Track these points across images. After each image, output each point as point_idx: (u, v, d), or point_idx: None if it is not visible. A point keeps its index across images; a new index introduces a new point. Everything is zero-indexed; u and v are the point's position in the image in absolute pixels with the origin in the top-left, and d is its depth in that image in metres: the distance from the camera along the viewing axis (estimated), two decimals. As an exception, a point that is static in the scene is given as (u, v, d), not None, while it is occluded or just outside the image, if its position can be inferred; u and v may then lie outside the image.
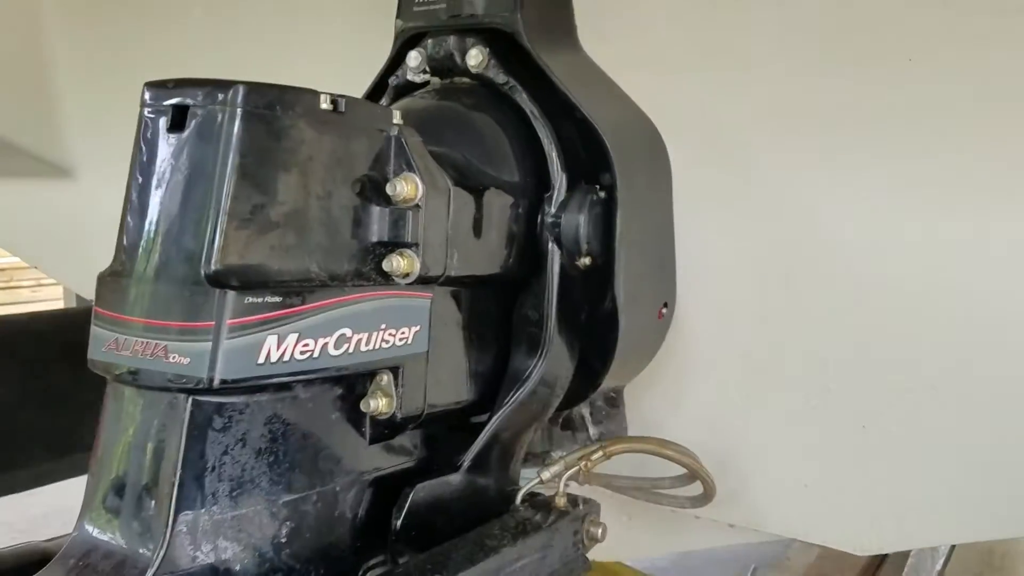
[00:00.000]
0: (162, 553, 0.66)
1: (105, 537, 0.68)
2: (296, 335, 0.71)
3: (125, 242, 0.71)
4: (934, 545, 2.13)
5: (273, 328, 0.69)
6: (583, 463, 1.03)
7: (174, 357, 0.67)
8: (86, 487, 0.70)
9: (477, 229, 0.92)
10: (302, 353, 0.72)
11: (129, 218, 0.71)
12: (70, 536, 0.68)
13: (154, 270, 0.69)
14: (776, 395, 1.14)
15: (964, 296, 0.99)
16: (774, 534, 1.18)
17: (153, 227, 0.69)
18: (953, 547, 3.26)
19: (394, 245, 0.81)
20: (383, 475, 0.89)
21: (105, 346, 0.70)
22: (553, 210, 0.99)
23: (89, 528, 0.69)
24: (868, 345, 1.06)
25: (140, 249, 0.70)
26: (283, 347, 0.70)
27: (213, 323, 0.66)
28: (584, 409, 1.20)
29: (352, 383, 0.83)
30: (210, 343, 0.66)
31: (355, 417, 0.84)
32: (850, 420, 1.08)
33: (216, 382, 0.66)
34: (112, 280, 0.71)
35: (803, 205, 1.09)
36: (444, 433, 0.99)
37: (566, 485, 1.04)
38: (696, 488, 1.09)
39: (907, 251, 1.02)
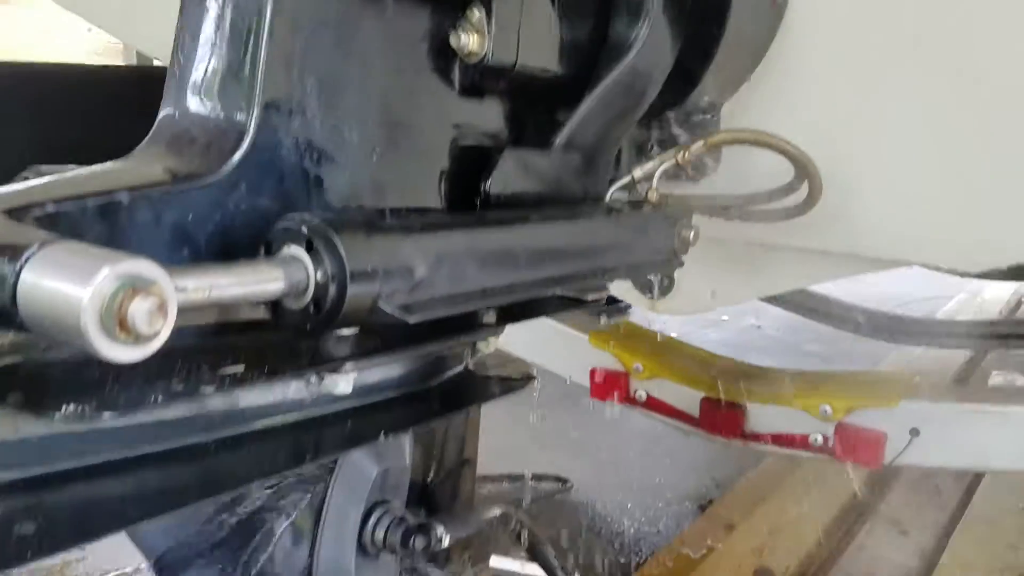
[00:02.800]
0: (252, 135, 0.62)
1: (193, 118, 0.64)
2: (387, -84, 0.64)
3: None
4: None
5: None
6: (681, 155, 0.96)
7: (256, -80, 0.61)
8: (168, 75, 0.65)
9: None
10: (393, -58, 0.65)
11: None
12: (158, 118, 0.65)
13: None
14: (890, 103, 1.04)
15: None
16: (874, 258, 1.11)
17: None
18: None
19: None
20: (472, 144, 0.84)
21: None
22: None
23: (174, 113, 0.65)
24: (997, 47, 0.95)
25: None
26: (373, -75, 0.64)
27: None
28: (675, 130, 1.13)
29: (443, 12, 0.76)
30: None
31: (445, 59, 0.78)
32: (970, 132, 0.98)
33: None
34: None
35: None
36: (534, 118, 0.94)
37: (660, 179, 0.98)
38: (796, 200, 1.02)
39: None
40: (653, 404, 1.80)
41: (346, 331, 0.66)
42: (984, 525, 2.02)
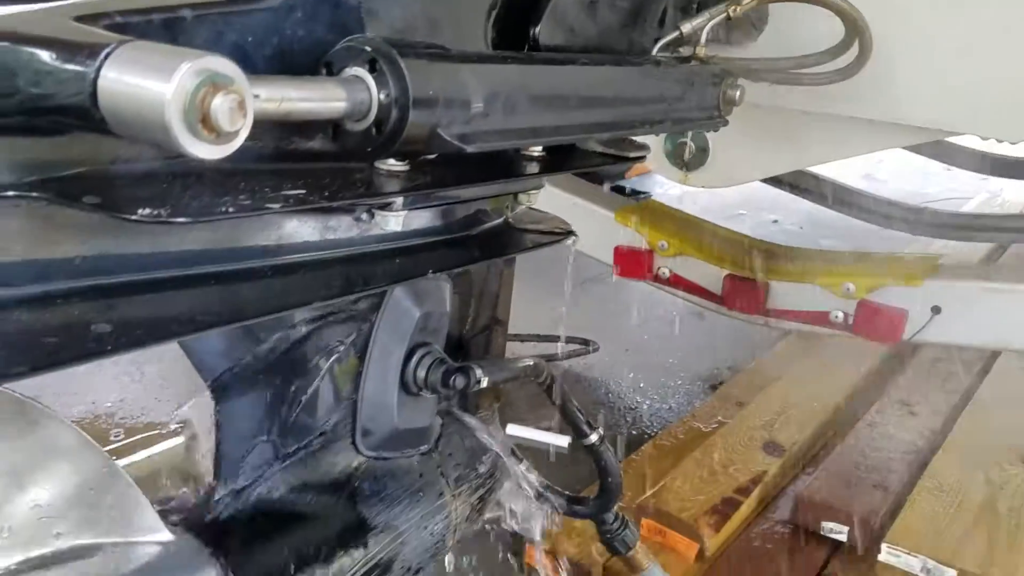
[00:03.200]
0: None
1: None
2: None
3: None
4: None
5: None
6: (732, 8, 0.94)
7: None
8: None
9: None
10: None
11: None
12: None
13: None
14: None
15: None
16: (917, 127, 1.10)
17: None
18: None
19: None
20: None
21: None
22: None
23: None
24: None
25: None
26: None
27: None
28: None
29: None
30: None
31: None
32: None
33: None
34: None
35: None
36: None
37: (708, 35, 0.96)
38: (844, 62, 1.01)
39: None
40: (677, 281, 1.82)
41: (398, 167, 0.67)
42: (991, 410, 2.07)
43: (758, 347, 2.79)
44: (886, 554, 1.52)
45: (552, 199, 1.99)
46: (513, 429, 2.14)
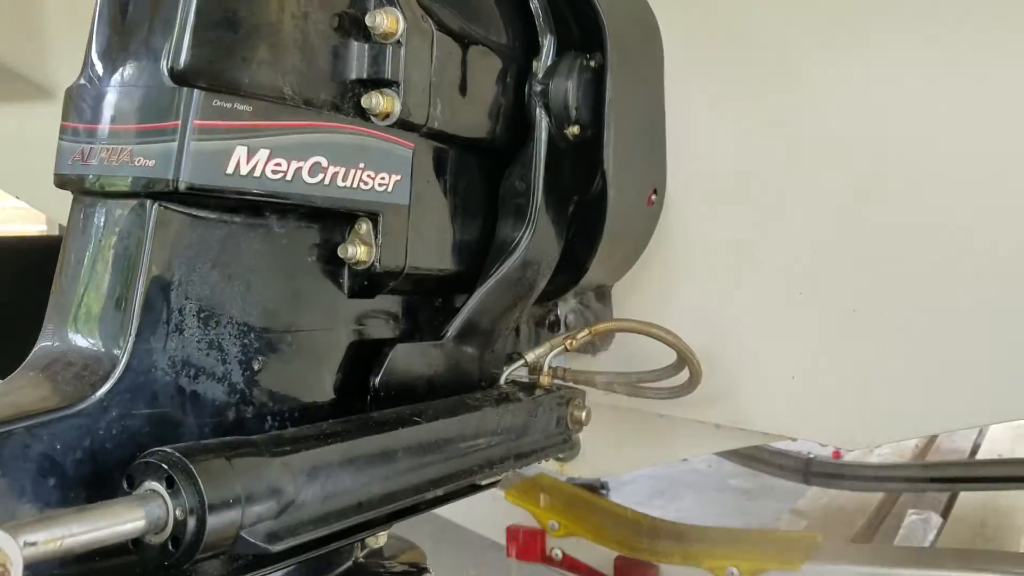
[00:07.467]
0: (125, 360, 0.63)
1: (71, 345, 0.65)
2: (268, 151, 0.69)
3: (94, 51, 0.69)
4: (925, 435, 2.07)
5: (243, 138, 0.67)
6: (568, 342, 1.01)
7: (140, 160, 0.64)
8: (49, 304, 0.67)
9: (462, 84, 0.89)
10: (274, 172, 0.70)
11: (97, 26, 0.68)
12: (33, 350, 0.66)
13: (121, 75, 0.66)
14: (765, 285, 1.12)
15: (963, 159, 0.97)
16: (761, 432, 1.15)
17: (122, 32, 0.67)
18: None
19: (374, 83, 0.79)
20: (364, 340, 0.87)
21: (71, 159, 0.68)
22: (541, 75, 0.96)
23: (52, 341, 0.66)
24: (861, 225, 1.04)
25: (107, 56, 0.67)
26: (254, 161, 0.68)
27: (179, 123, 0.64)
28: (570, 305, 1.18)
29: (330, 228, 0.80)
30: (176, 143, 0.64)
31: (333, 266, 0.82)
32: (840, 305, 1.06)
33: (182, 185, 0.64)
34: (79, 91, 0.69)
35: (795, 85, 1.07)
36: (428, 308, 0.97)
37: (551, 366, 1.02)
38: (681, 379, 1.07)
39: (901, 115, 1.00)
40: (569, 563, 1.79)
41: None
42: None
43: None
44: None
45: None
46: None
